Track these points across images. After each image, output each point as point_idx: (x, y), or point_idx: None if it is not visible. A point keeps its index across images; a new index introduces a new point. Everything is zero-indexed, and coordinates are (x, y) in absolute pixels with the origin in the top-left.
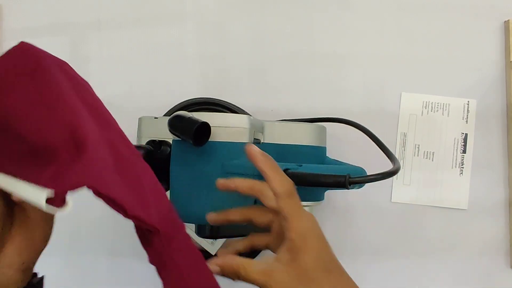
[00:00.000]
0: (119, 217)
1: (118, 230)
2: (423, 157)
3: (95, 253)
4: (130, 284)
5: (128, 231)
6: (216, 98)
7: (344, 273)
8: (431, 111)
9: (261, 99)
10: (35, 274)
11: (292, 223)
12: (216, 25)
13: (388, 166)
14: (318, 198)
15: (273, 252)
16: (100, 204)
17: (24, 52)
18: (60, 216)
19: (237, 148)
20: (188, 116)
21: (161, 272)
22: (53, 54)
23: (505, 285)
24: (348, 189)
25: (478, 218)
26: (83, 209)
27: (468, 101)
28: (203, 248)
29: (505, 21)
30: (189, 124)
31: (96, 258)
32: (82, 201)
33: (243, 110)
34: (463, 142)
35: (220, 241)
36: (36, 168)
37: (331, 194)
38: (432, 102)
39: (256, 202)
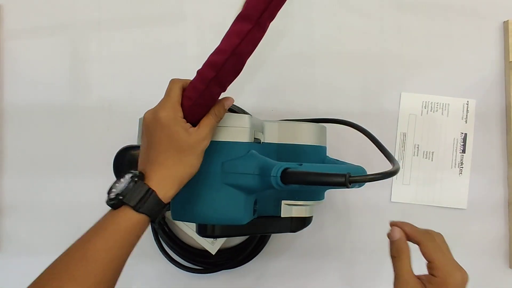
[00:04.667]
0: None
1: None
2: (423, 157)
3: None
4: (130, 284)
5: None
6: None
7: None
8: (431, 111)
9: (262, 99)
10: None
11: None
12: (216, 25)
13: (388, 166)
14: (319, 197)
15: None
16: (99, 204)
17: None
18: (60, 216)
19: (237, 148)
20: None
21: None
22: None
23: (504, 285)
24: (348, 188)
25: (478, 218)
26: (83, 209)
27: (468, 101)
28: (203, 247)
29: (504, 21)
30: None
31: None
32: (82, 201)
33: (243, 110)
34: (463, 142)
35: (220, 241)
36: None
37: (331, 194)
38: (431, 102)
39: (256, 203)
